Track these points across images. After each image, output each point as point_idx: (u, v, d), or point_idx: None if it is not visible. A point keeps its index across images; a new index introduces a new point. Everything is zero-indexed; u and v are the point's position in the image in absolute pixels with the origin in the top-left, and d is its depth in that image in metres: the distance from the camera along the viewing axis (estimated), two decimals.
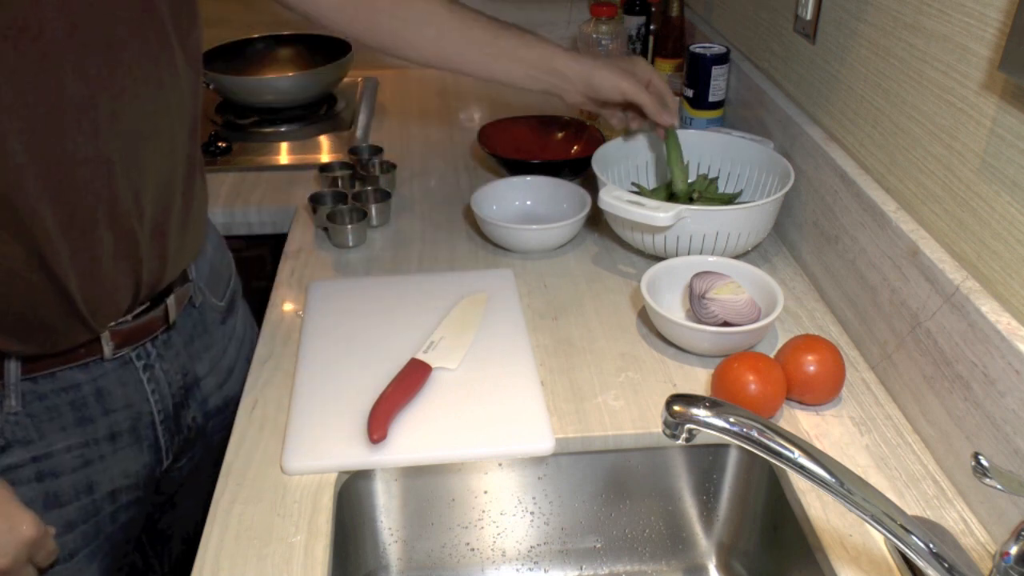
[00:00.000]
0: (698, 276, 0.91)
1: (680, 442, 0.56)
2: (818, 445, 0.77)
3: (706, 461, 0.83)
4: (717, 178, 1.14)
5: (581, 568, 0.87)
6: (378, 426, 0.76)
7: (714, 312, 0.88)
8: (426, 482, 0.81)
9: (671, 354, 0.89)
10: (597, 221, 1.11)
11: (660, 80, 1.05)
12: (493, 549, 0.86)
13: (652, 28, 1.52)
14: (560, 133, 1.35)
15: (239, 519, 0.71)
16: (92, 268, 0.71)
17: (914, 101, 0.82)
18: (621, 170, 1.15)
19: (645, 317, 0.95)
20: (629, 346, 0.91)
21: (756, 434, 0.54)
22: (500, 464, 0.81)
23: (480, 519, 0.84)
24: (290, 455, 0.76)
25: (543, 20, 1.73)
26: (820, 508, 0.71)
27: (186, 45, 0.76)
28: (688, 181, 1.12)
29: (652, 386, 0.85)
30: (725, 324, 0.87)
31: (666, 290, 0.95)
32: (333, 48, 1.54)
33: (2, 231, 0.65)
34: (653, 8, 1.52)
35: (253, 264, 1.24)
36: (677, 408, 0.55)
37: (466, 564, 0.86)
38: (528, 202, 1.17)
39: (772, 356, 0.83)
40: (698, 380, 0.86)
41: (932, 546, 0.53)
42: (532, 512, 0.84)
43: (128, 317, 0.79)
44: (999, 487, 0.53)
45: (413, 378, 0.82)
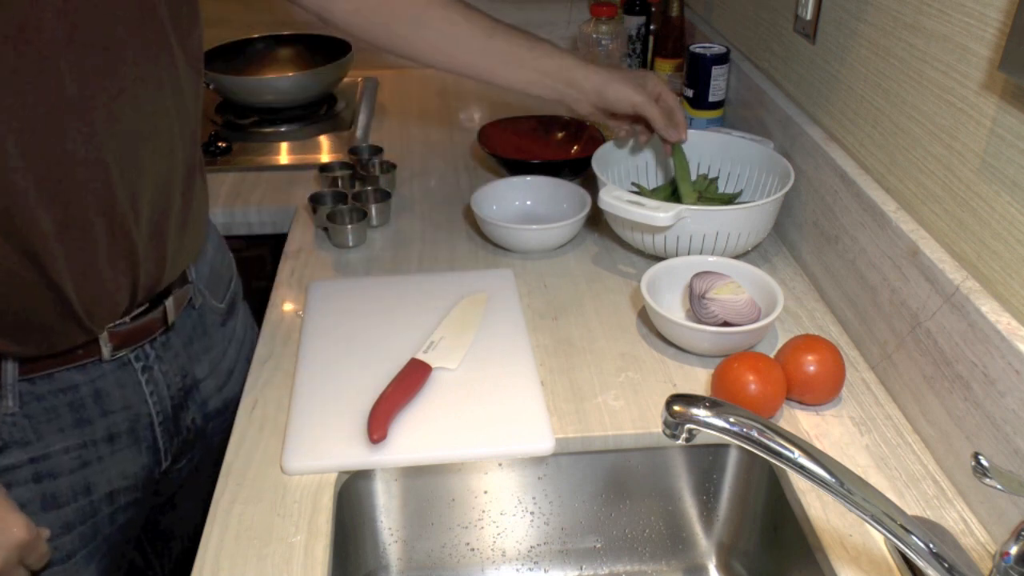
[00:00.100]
0: (698, 276, 0.91)
1: (680, 442, 0.56)
2: (818, 445, 0.77)
3: (706, 461, 0.83)
4: (717, 178, 1.14)
5: (581, 568, 0.87)
6: (378, 426, 0.76)
7: (714, 312, 0.88)
8: (426, 482, 0.81)
9: (671, 354, 0.89)
10: (597, 221, 1.11)
11: (671, 96, 1.05)
12: (493, 549, 0.86)
13: (652, 28, 1.52)
14: (560, 133, 1.35)
15: (239, 519, 0.71)
16: (88, 269, 0.71)
17: (914, 101, 0.82)
18: (621, 170, 1.15)
19: (645, 317, 0.95)
20: (629, 346, 0.91)
21: (756, 434, 0.54)
22: (500, 464, 0.81)
23: (480, 519, 0.84)
24: (290, 455, 0.76)
25: (543, 20, 1.73)
26: (820, 508, 0.71)
27: (186, 46, 0.76)
28: (691, 181, 1.12)
29: (652, 386, 0.85)
30: (725, 324, 0.87)
31: (666, 290, 0.95)
32: (333, 48, 1.54)
33: None
34: (653, 8, 1.52)
35: (253, 264, 1.24)
36: (677, 408, 0.55)
37: (466, 564, 0.86)
38: (528, 202, 1.17)
39: (772, 356, 0.83)
40: (698, 380, 0.86)
41: (932, 546, 0.53)
42: (532, 512, 0.84)
43: (126, 319, 0.78)
44: (999, 487, 0.53)
45: (413, 378, 0.82)
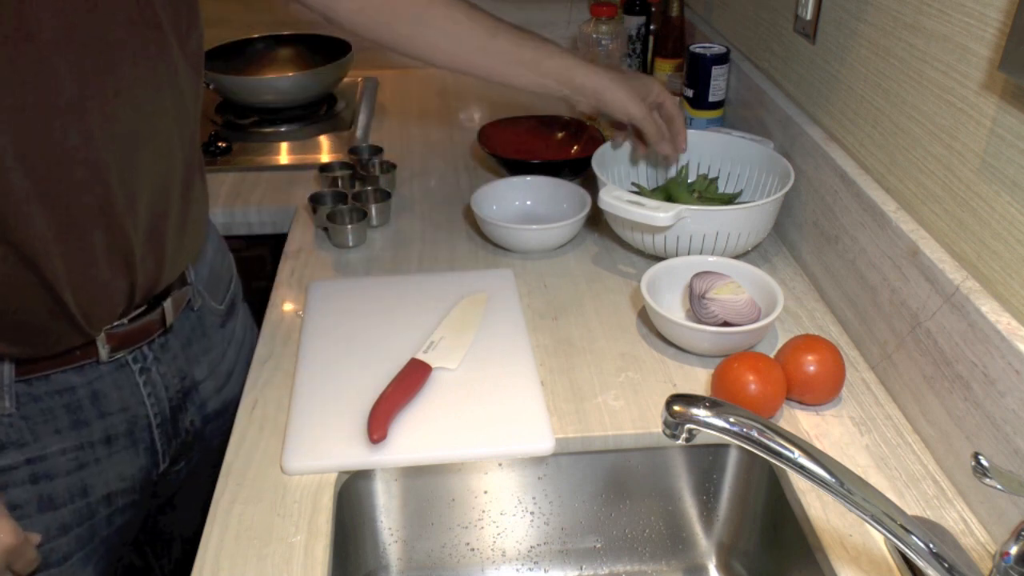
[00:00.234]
0: (698, 276, 0.91)
1: (680, 442, 0.56)
2: (818, 445, 0.77)
3: (706, 461, 0.83)
4: (717, 178, 1.14)
5: (581, 568, 0.87)
6: (378, 426, 0.76)
7: (714, 312, 0.88)
8: (426, 482, 0.81)
9: (671, 354, 0.89)
10: (597, 221, 1.11)
11: (673, 105, 1.04)
12: (493, 549, 0.86)
13: (652, 28, 1.52)
14: (560, 133, 1.35)
15: (239, 519, 0.71)
16: (85, 271, 0.71)
17: (914, 101, 0.82)
18: (621, 170, 1.15)
19: (645, 317, 0.95)
20: (629, 346, 0.91)
21: (756, 434, 0.54)
22: (500, 464, 0.81)
23: (480, 519, 0.84)
24: (290, 455, 0.76)
25: (543, 20, 1.73)
26: (820, 508, 0.71)
27: (185, 47, 0.75)
28: (689, 181, 1.12)
29: (652, 386, 0.85)
30: (725, 324, 0.87)
31: (666, 290, 0.95)
32: (333, 48, 1.54)
33: None
34: (653, 8, 1.52)
35: (253, 264, 1.24)
36: (677, 408, 0.55)
37: (466, 564, 0.86)
38: (528, 202, 1.17)
39: (772, 356, 0.83)
40: (698, 380, 0.86)
41: (932, 546, 0.53)
42: (532, 512, 0.84)
43: (124, 320, 0.78)
44: (999, 487, 0.53)
45: (413, 378, 0.82)
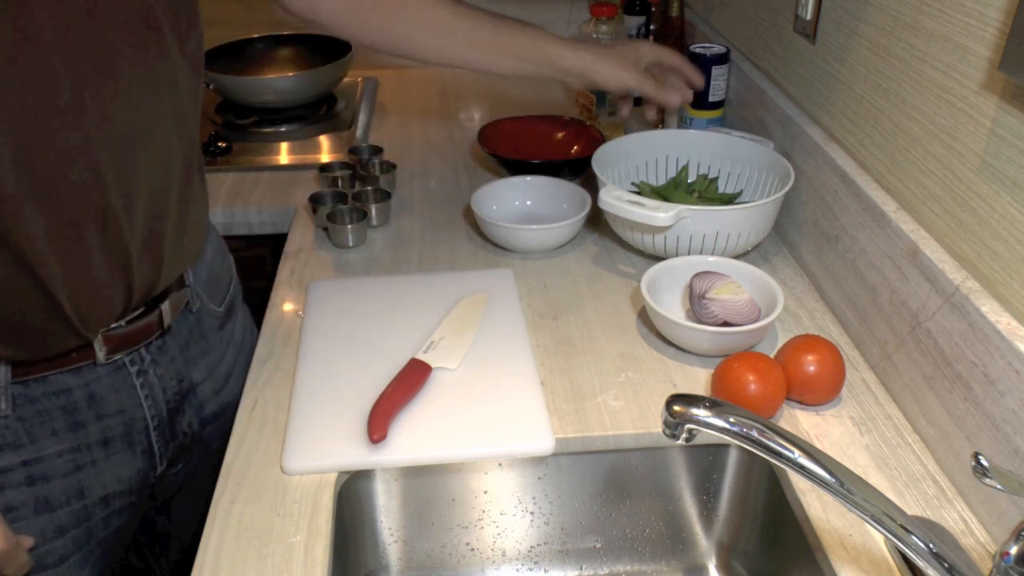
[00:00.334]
0: (698, 276, 0.91)
1: (680, 442, 0.56)
2: (818, 445, 0.77)
3: (706, 461, 0.83)
4: (717, 178, 1.14)
5: (581, 568, 0.87)
6: (378, 426, 0.76)
7: (714, 312, 0.88)
8: (426, 482, 0.81)
9: (671, 354, 0.89)
10: (597, 221, 1.11)
11: (671, 55, 1.05)
12: (493, 549, 0.86)
13: (652, 28, 1.52)
14: (560, 133, 1.35)
15: (239, 519, 0.71)
16: (81, 274, 0.70)
17: (914, 101, 0.82)
18: (621, 170, 1.15)
19: (645, 317, 0.95)
20: (629, 346, 0.91)
21: (756, 434, 0.54)
22: (500, 464, 0.81)
23: (480, 519, 0.84)
24: (290, 455, 0.76)
25: (543, 20, 1.71)
26: (820, 508, 0.71)
27: (185, 48, 0.75)
28: (689, 181, 1.12)
29: (652, 386, 0.85)
30: (725, 324, 0.87)
31: (666, 290, 0.95)
32: (333, 48, 1.54)
33: None
34: (653, 8, 1.52)
35: (253, 264, 1.24)
36: (677, 408, 0.55)
37: (466, 564, 0.86)
38: (528, 202, 1.17)
39: (772, 356, 0.83)
40: (698, 380, 0.86)
41: (932, 546, 0.53)
42: (532, 512, 0.84)
43: (121, 322, 0.77)
44: (999, 487, 0.53)
45: (413, 378, 0.82)
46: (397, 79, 1.70)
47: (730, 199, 1.10)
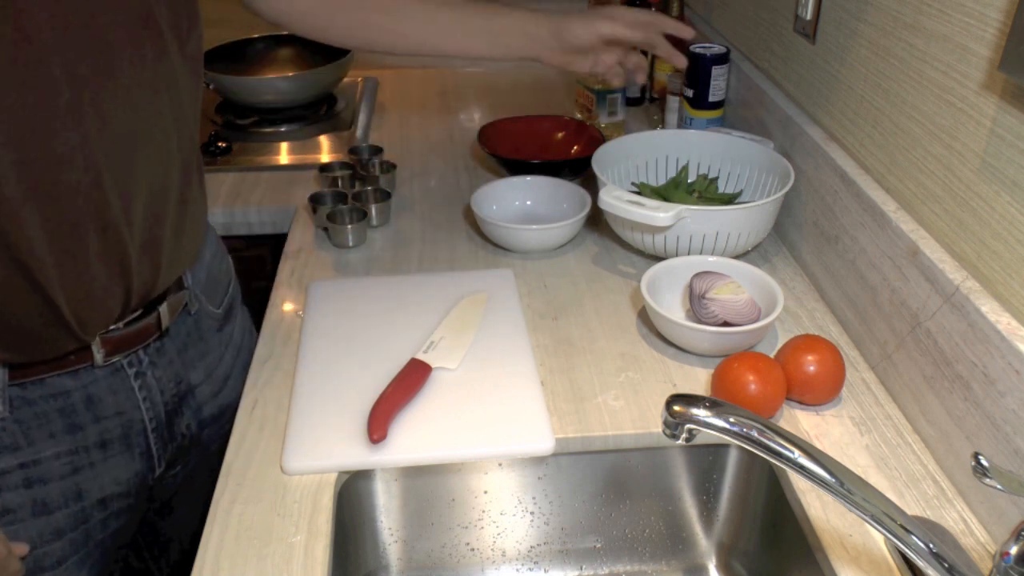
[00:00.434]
0: (698, 276, 0.91)
1: (680, 442, 0.56)
2: (818, 445, 0.77)
3: (706, 461, 0.83)
4: (717, 178, 1.14)
5: (581, 568, 0.87)
6: (378, 426, 0.76)
7: (714, 312, 0.88)
8: (426, 482, 0.81)
9: (671, 354, 0.89)
10: (597, 221, 1.11)
11: (644, 13, 1.02)
12: (493, 549, 0.86)
13: None
14: (560, 133, 1.35)
15: (239, 519, 0.71)
16: (79, 276, 0.70)
17: (914, 101, 0.82)
18: (621, 170, 1.15)
19: (645, 317, 0.95)
20: (629, 346, 0.91)
21: (756, 434, 0.54)
22: (500, 464, 0.81)
23: (480, 519, 0.84)
24: (290, 455, 0.76)
25: None
26: (820, 508, 0.71)
27: (184, 49, 0.75)
28: (689, 181, 1.12)
29: (652, 386, 0.85)
30: (725, 324, 0.87)
31: (666, 290, 0.95)
32: (333, 48, 1.53)
33: None
34: (653, 8, 1.52)
35: (253, 264, 1.24)
36: (677, 408, 0.55)
37: (466, 564, 0.86)
38: (528, 202, 1.17)
39: (772, 356, 0.83)
40: (698, 380, 0.86)
41: (932, 546, 0.53)
42: (532, 512, 0.84)
43: (119, 324, 0.77)
44: (999, 487, 0.53)
45: (413, 378, 0.82)
46: (397, 79, 1.70)
47: (730, 199, 1.10)
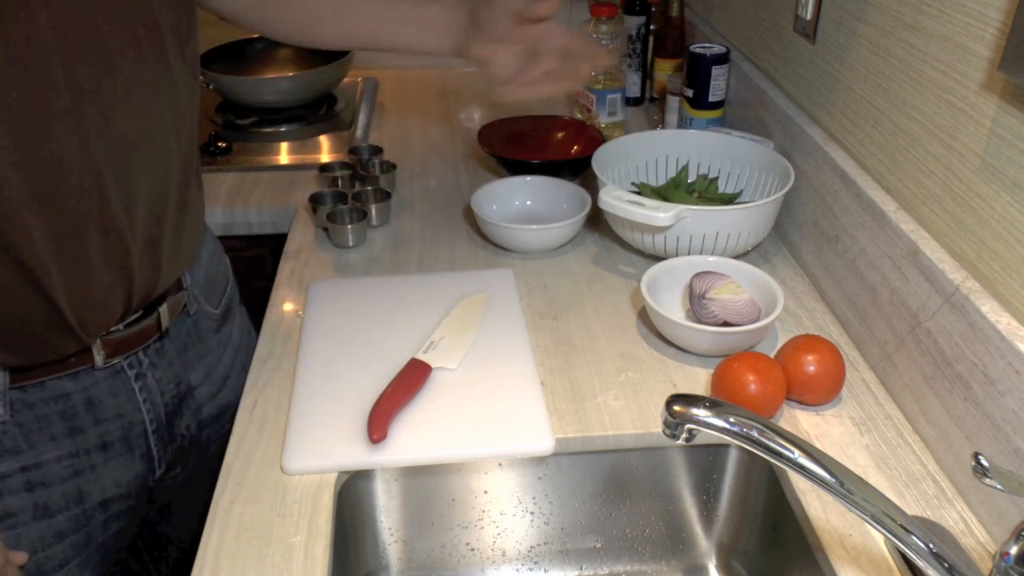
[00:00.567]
0: (698, 276, 0.91)
1: (680, 442, 0.56)
2: (818, 445, 0.77)
3: (706, 461, 0.83)
4: (717, 178, 1.14)
5: (581, 568, 0.87)
6: (378, 426, 0.76)
7: (714, 312, 0.88)
8: (426, 482, 0.81)
9: (671, 354, 0.89)
10: (597, 221, 1.11)
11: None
12: (493, 549, 0.86)
13: (652, 28, 1.52)
14: (560, 133, 1.35)
15: (239, 519, 0.71)
16: (81, 279, 0.70)
17: (914, 101, 0.82)
18: (621, 170, 1.15)
19: (645, 317, 0.95)
20: (629, 346, 0.91)
21: (756, 434, 0.54)
22: (500, 464, 0.81)
23: (480, 519, 0.84)
24: (290, 455, 0.76)
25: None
26: (820, 508, 0.71)
27: (183, 50, 0.75)
28: (689, 181, 1.12)
29: (652, 386, 0.85)
30: (725, 324, 0.87)
31: (666, 290, 0.95)
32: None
33: None
34: (653, 8, 1.52)
35: (253, 264, 1.24)
36: (677, 408, 0.55)
37: (466, 564, 0.86)
38: (528, 202, 1.17)
39: (772, 356, 0.83)
40: (698, 380, 0.86)
41: (932, 546, 0.53)
42: (532, 512, 0.84)
43: (120, 326, 0.77)
44: (999, 487, 0.53)
45: (413, 378, 0.82)
46: (397, 79, 1.70)
47: (730, 199, 1.10)
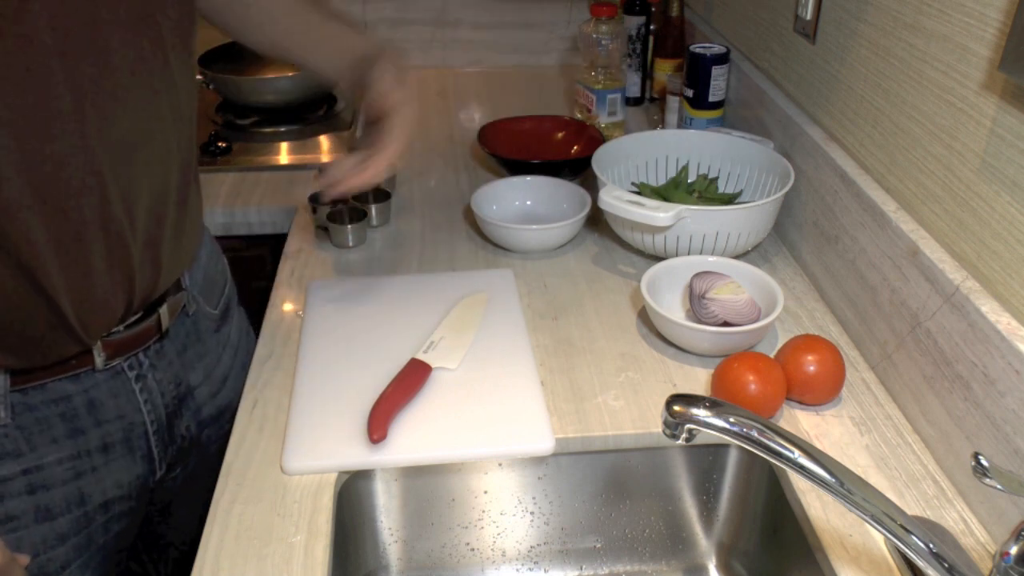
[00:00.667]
0: (698, 276, 0.91)
1: (680, 442, 0.56)
2: (818, 445, 0.77)
3: (706, 461, 0.83)
4: (717, 178, 1.14)
5: (581, 568, 0.87)
6: (378, 426, 0.76)
7: (714, 312, 0.88)
8: (426, 482, 0.81)
9: (671, 354, 0.89)
10: (597, 221, 1.11)
11: (398, 132, 0.87)
12: (493, 549, 0.86)
13: (652, 28, 1.52)
14: (560, 133, 1.35)
15: (239, 519, 0.71)
16: (83, 281, 0.70)
17: (914, 101, 0.82)
18: (621, 170, 1.15)
19: (645, 317, 0.95)
20: (629, 346, 0.91)
21: (756, 434, 0.54)
22: (500, 464, 0.81)
23: (480, 519, 0.84)
24: (290, 455, 0.76)
25: (543, 20, 1.73)
26: (820, 508, 0.71)
27: (182, 51, 0.75)
28: (689, 181, 1.12)
29: (652, 386, 0.85)
30: (725, 324, 0.87)
31: (666, 290, 0.95)
32: None
33: None
34: (653, 8, 1.52)
35: (253, 264, 1.24)
36: (677, 408, 0.55)
37: (466, 564, 0.86)
38: (528, 202, 1.17)
39: (772, 356, 0.83)
40: (698, 380, 0.86)
41: (932, 546, 0.53)
42: (532, 512, 0.84)
43: (120, 327, 0.77)
44: (999, 487, 0.53)
45: (413, 378, 0.82)
46: None
47: (730, 199, 1.10)
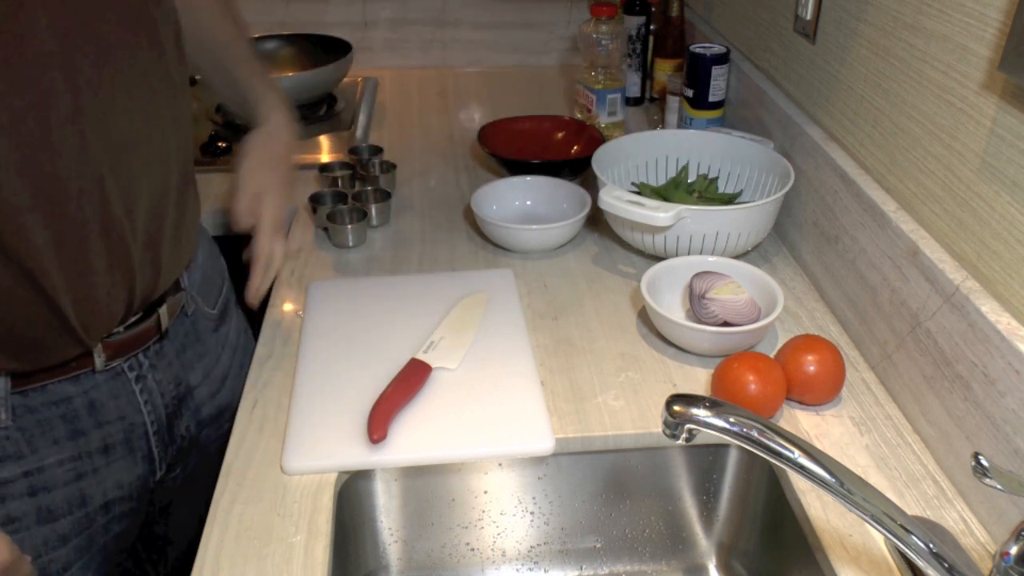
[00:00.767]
0: (698, 276, 0.91)
1: (680, 442, 0.56)
2: (818, 445, 0.77)
3: (706, 461, 0.83)
4: (717, 178, 1.14)
5: (581, 568, 0.87)
6: (378, 426, 0.76)
7: (714, 312, 0.88)
8: (426, 482, 0.81)
9: (671, 354, 0.89)
10: (597, 221, 1.11)
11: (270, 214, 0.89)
12: (493, 549, 0.86)
13: (652, 28, 1.52)
14: (560, 133, 1.35)
15: (239, 519, 0.71)
16: (84, 282, 0.70)
17: (914, 101, 0.82)
18: (621, 170, 1.15)
19: (645, 317, 0.95)
20: (629, 346, 0.91)
21: (756, 434, 0.54)
22: (500, 464, 0.81)
23: (480, 519, 0.84)
24: (290, 455, 0.76)
25: (543, 20, 1.73)
26: (820, 508, 0.71)
27: (180, 49, 0.75)
28: (689, 181, 1.12)
29: (652, 386, 0.85)
30: (725, 324, 0.87)
31: (666, 290, 0.95)
32: (333, 48, 1.54)
33: None
34: (653, 8, 1.52)
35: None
36: (677, 408, 0.55)
37: (466, 564, 0.86)
38: (528, 202, 1.17)
39: (772, 356, 0.83)
40: (698, 380, 0.86)
41: (932, 546, 0.53)
42: (532, 512, 0.84)
43: (120, 328, 0.77)
44: (999, 487, 0.53)
45: (413, 378, 0.82)
46: (397, 79, 1.70)
47: (730, 199, 1.10)
